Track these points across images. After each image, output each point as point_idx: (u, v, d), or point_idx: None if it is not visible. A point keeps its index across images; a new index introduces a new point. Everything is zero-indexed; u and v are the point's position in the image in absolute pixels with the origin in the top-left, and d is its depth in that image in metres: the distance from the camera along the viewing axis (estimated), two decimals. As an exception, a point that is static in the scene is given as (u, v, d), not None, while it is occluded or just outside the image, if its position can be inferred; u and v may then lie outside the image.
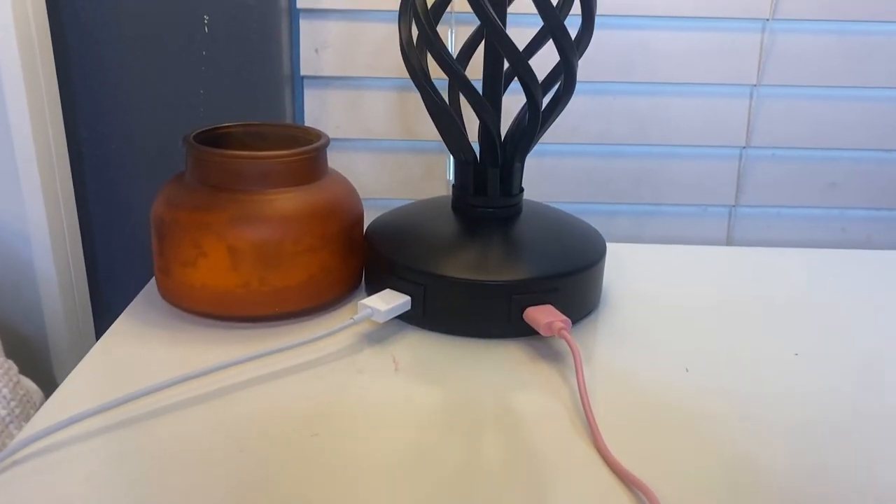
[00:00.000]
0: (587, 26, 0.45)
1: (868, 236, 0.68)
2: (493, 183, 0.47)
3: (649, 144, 0.65)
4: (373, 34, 0.62)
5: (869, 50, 0.62)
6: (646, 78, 0.63)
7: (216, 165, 0.44)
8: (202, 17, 0.57)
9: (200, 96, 0.59)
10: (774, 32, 0.62)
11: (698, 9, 0.61)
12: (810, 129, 0.64)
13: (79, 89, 0.58)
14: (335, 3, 0.61)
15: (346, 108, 0.64)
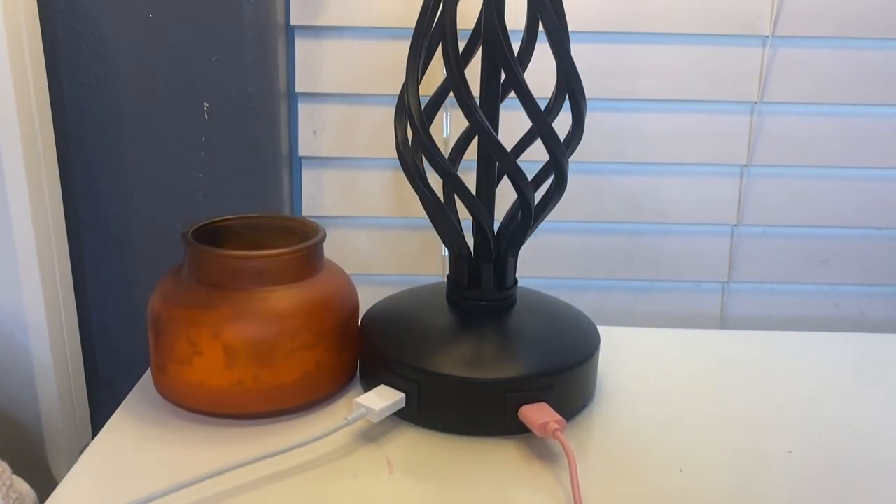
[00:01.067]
0: (577, 127, 0.46)
1: (861, 311, 0.68)
2: (487, 277, 0.48)
3: (642, 222, 0.66)
4: (369, 116, 0.63)
5: (857, 130, 0.64)
6: (638, 158, 0.64)
7: (213, 264, 0.45)
8: (202, 104, 0.58)
9: (199, 180, 0.60)
10: (763, 115, 0.63)
11: (687, 92, 0.62)
12: (801, 207, 0.65)
13: (79, 173, 0.59)
14: (333, 87, 0.63)
15: (343, 187, 0.65)
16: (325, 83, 0.63)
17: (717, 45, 0.62)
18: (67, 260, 0.58)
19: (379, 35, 0.62)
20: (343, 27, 0.61)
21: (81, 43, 0.57)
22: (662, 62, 0.62)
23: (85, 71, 0.57)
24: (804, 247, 0.67)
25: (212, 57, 0.57)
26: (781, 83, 0.62)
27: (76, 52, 0.57)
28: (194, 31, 0.57)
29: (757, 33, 0.61)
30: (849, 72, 0.62)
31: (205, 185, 0.60)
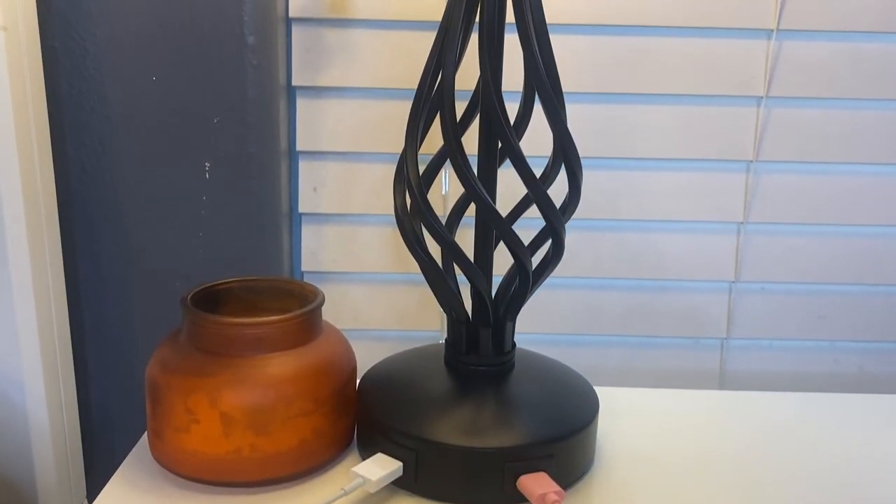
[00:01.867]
0: (574, 194, 0.46)
1: (860, 367, 0.68)
2: (485, 342, 0.48)
3: (640, 278, 0.66)
4: (368, 174, 0.64)
5: (851, 188, 0.64)
6: (635, 215, 0.65)
7: (211, 330, 0.45)
8: (204, 164, 0.59)
9: (200, 238, 0.60)
10: (759, 173, 0.64)
11: (683, 151, 0.63)
12: (798, 264, 0.66)
13: (80, 232, 0.60)
14: (333, 145, 0.63)
15: (343, 242, 0.65)
16: (326, 141, 0.63)
17: (712, 105, 0.63)
18: (66, 320, 0.58)
19: (378, 95, 0.62)
20: (343, 87, 0.62)
21: (86, 104, 0.57)
22: (659, 122, 0.63)
23: (88, 131, 0.58)
24: (802, 303, 0.67)
25: (214, 118, 0.58)
26: (776, 142, 0.63)
27: (80, 112, 0.58)
28: (197, 93, 0.58)
29: (752, 94, 0.62)
30: (842, 131, 0.63)
31: (205, 243, 0.60)
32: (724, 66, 0.62)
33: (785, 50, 0.62)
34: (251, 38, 0.57)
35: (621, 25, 0.61)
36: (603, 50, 0.61)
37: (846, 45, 0.62)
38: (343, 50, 0.62)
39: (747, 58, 0.62)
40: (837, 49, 0.62)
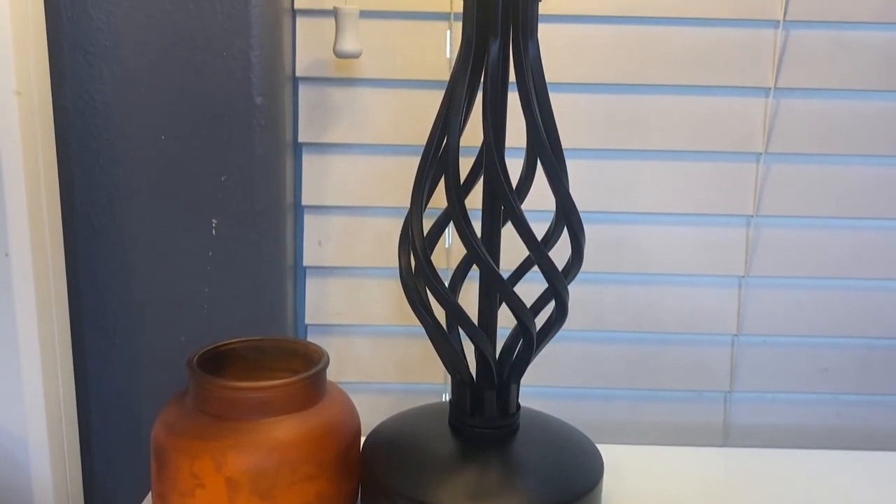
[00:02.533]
0: (576, 257, 0.47)
1: (864, 420, 0.68)
2: (489, 404, 0.48)
3: (643, 331, 0.66)
4: (373, 227, 0.65)
5: (852, 243, 0.65)
6: (636, 269, 0.65)
7: (216, 394, 0.45)
8: (211, 221, 0.60)
9: (205, 294, 0.61)
10: (759, 227, 0.65)
11: (685, 206, 0.64)
12: (799, 318, 0.66)
13: (86, 287, 0.60)
14: (338, 199, 0.64)
15: (347, 295, 0.66)
16: (331, 196, 0.64)
17: (712, 161, 0.64)
18: (71, 376, 0.58)
19: (383, 151, 0.63)
20: (349, 144, 0.63)
21: (95, 162, 0.58)
22: (660, 177, 0.64)
23: (97, 188, 0.59)
24: (804, 356, 0.67)
25: (221, 176, 0.59)
26: (776, 197, 0.64)
27: (89, 170, 0.58)
28: (205, 152, 0.58)
29: (751, 150, 0.63)
30: (841, 186, 0.64)
31: (210, 299, 0.61)
32: (724, 122, 0.63)
33: (783, 107, 0.63)
34: (259, 98, 0.58)
35: (623, 84, 0.62)
36: (605, 107, 0.62)
37: (843, 102, 0.63)
38: (348, 107, 0.63)
39: (746, 115, 0.63)
40: (835, 107, 0.63)
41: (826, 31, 0.61)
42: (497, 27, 0.44)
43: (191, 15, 0.56)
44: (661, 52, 0.61)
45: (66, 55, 0.57)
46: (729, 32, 0.61)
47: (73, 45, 0.56)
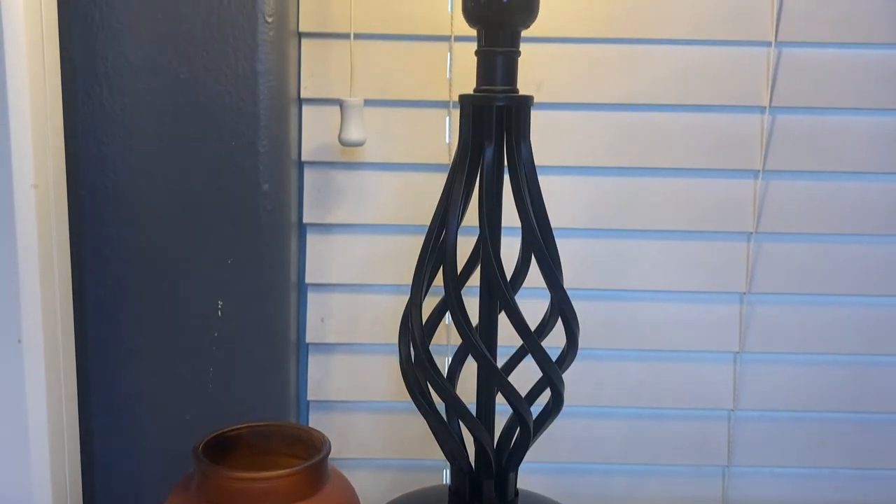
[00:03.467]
0: (571, 347, 0.48)
1: (863, 495, 0.68)
2: (488, 492, 0.49)
3: (640, 407, 0.67)
4: (374, 304, 0.66)
5: (843, 319, 0.66)
6: (633, 345, 0.66)
7: (221, 483, 0.46)
8: (217, 303, 0.61)
9: (210, 374, 0.62)
10: (752, 304, 0.66)
11: (679, 283, 0.66)
12: (795, 392, 0.67)
13: (95, 369, 0.61)
14: (341, 277, 0.66)
15: (349, 372, 0.67)
16: (334, 274, 0.66)
17: (704, 241, 0.65)
18: (78, 459, 0.59)
19: (385, 231, 0.65)
20: (351, 224, 0.65)
21: (106, 246, 0.60)
22: (654, 255, 0.65)
23: (107, 271, 0.61)
24: (801, 430, 0.68)
25: (228, 259, 0.61)
26: (768, 274, 0.66)
27: (100, 253, 0.60)
28: (212, 236, 0.60)
29: (742, 229, 0.65)
30: (830, 263, 0.65)
31: (215, 378, 0.62)
32: (715, 203, 0.65)
33: (771, 188, 0.65)
34: (266, 185, 0.60)
35: (616, 167, 0.64)
36: (599, 188, 0.65)
37: (830, 183, 0.65)
38: (352, 189, 0.65)
39: (736, 196, 0.65)
40: (822, 187, 0.65)
41: (811, 115, 0.64)
42: (492, 131, 0.46)
43: (201, 106, 0.59)
44: (652, 137, 0.64)
45: (82, 146, 0.59)
46: (717, 118, 0.64)
47: (89, 135, 0.59)
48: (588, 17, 0.62)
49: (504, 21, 0.45)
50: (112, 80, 0.59)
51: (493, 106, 0.46)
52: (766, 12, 0.62)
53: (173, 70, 0.59)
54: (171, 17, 0.58)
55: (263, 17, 0.59)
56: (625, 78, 0.63)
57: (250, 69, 0.59)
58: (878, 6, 0.62)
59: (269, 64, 0.59)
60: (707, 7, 0.62)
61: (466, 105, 0.47)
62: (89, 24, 0.58)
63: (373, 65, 0.63)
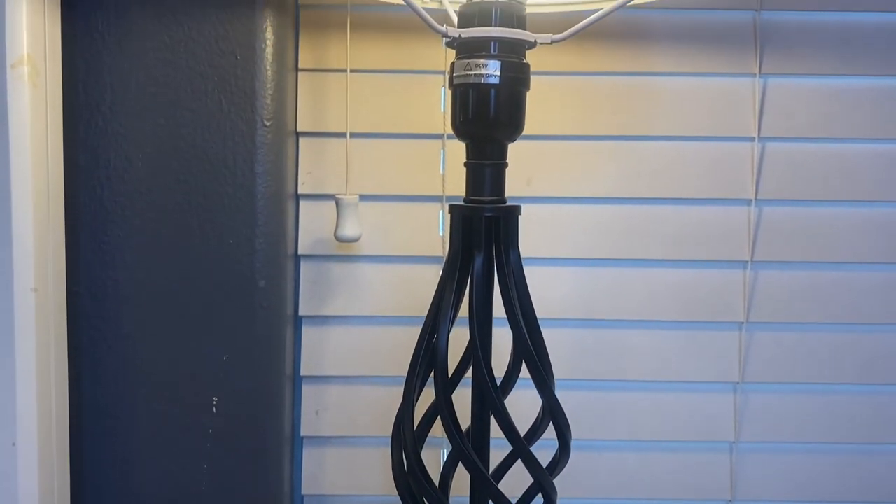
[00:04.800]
0: (563, 452, 0.49)
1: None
2: None
3: (636, 498, 0.67)
4: (369, 397, 0.66)
5: (835, 407, 0.66)
6: (628, 436, 0.66)
7: None
8: (212, 399, 0.62)
9: (204, 471, 0.62)
10: (746, 393, 0.66)
11: (671, 373, 0.66)
12: (790, 482, 0.67)
13: (88, 470, 0.61)
14: (336, 369, 0.66)
15: (344, 465, 0.67)
16: (329, 366, 0.66)
17: (696, 330, 0.66)
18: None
19: (379, 322, 0.66)
20: (346, 316, 0.66)
21: (103, 344, 0.61)
22: (648, 346, 0.66)
23: (104, 370, 0.61)
24: (800, 522, 0.67)
25: (224, 355, 0.62)
26: (760, 364, 0.66)
27: (97, 351, 0.61)
28: (208, 334, 0.61)
29: (733, 319, 0.66)
30: (821, 352, 0.66)
31: (210, 475, 0.62)
32: (705, 294, 0.66)
33: (761, 278, 0.66)
34: (262, 282, 0.61)
35: (608, 259, 0.65)
36: (592, 279, 0.66)
37: (818, 273, 0.66)
38: (347, 282, 0.66)
39: (727, 285, 0.66)
40: (810, 277, 0.66)
41: (796, 207, 0.65)
42: (481, 240, 0.47)
43: (200, 206, 0.61)
44: (641, 229, 0.65)
45: (83, 245, 0.60)
46: (705, 210, 0.65)
47: (89, 235, 0.60)
48: (575, 115, 0.64)
49: (491, 136, 0.47)
50: (113, 182, 0.60)
51: (482, 216, 0.47)
52: (748, 109, 0.64)
53: (173, 171, 0.60)
54: (172, 121, 0.60)
55: (262, 121, 0.61)
56: (612, 172, 0.65)
57: (249, 170, 0.61)
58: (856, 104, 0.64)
59: (268, 165, 0.61)
60: (690, 104, 0.64)
61: (456, 215, 0.48)
62: (93, 129, 0.60)
63: (368, 161, 0.65)
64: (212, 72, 0.60)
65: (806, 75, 0.64)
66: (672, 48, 0.64)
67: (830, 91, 0.64)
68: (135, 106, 0.60)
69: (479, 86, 0.46)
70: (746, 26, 0.64)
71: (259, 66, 0.60)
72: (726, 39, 0.64)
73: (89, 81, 0.59)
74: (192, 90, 0.60)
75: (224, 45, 0.60)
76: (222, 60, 0.60)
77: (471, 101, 0.46)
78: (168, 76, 0.60)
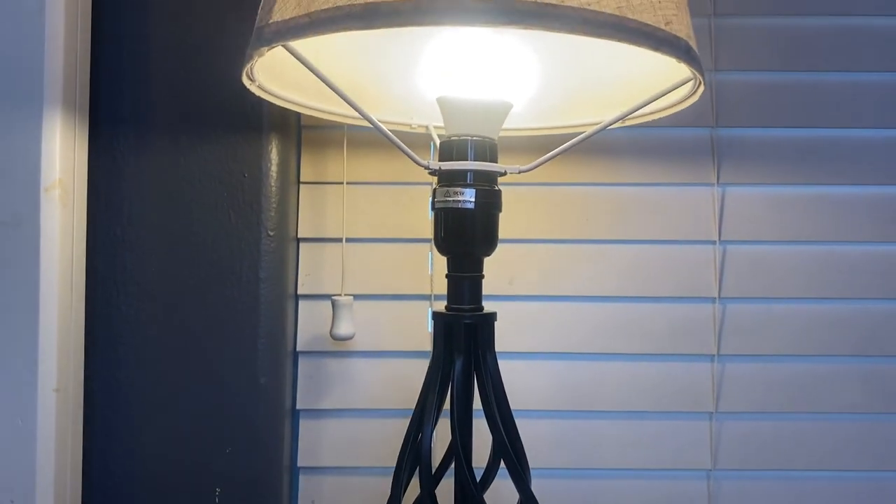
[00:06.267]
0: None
1: None
2: None
3: (618, 585, 0.69)
4: (364, 487, 0.70)
5: (806, 496, 0.70)
6: (608, 523, 0.70)
7: None
8: (214, 490, 0.66)
9: (205, 560, 0.65)
10: (718, 480, 0.70)
11: (643, 462, 0.70)
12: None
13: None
14: (332, 460, 0.70)
15: (338, 552, 0.70)
16: (325, 457, 0.70)
17: (667, 420, 0.70)
18: None
19: (373, 415, 0.71)
20: (342, 409, 0.71)
21: (117, 446, 0.65)
22: (620, 435, 0.70)
23: (116, 467, 0.65)
24: None
25: (226, 448, 0.66)
26: (730, 453, 0.70)
27: (108, 449, 0.65)
28: (211, 428, 0.66)
29: (702, 409, 0.70)
30: (789, 442, 0.70)
31: (210, 565, 0.65)
32: (675, 385, 0.70)
33: (728, 370, 0.71)
34: (263, 379, 0.66)
35: (583, 353, 0.70)
36: (569, 372, 0.70)
37: (782, 366, 0.71)
38: (341, 376, 0.71)
39: (695, 377, 0.70)
40: (774, 368, 0.70)
41: (756, 304, 0.71)
42: (461, 345, 0.53)
43: (208, 310, 0.66)
44: (614, 325, 0.70)
45: (99, 348, 0.66)
46: (671, 308, 0.71)
47: (105, 338, 0.66)
48: (552, 221, 0.71)
49: (469, 253, 0.53)
50: (129, 287, 0.66)
51: (461, 323, 0.53)
52: (709, 215, 0.71)
53: (184, 277, 0.66)
54: (184, 232, 0.66)
55: (266, 231, 0.67)
56: (586, 273, 0.71)
57: (253, 276, 0.67)
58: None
59: (271, 270, 0.67)
60: (655, 211, 0.71)
61: (439, 322, 0.54)
62: (112, 238, 0.66)
63: (362, 264, 0.71)
64: (222, 188, 0.67)
65: (760, 184, 0.71)
66: (637, 161, 0.71)
67: (784, 198, 0.71)
68: (151, 218, 0.66)
69: (457, 210, 0.52)
70: (704, 141, 0.72)
71: (265, 183, 0.67)
72: (686, 153, 0.71)
73: (111, 196, 0.66)
74: (204, 204, 0.67)
75: (233, 164, 0.67)
76: (231, 178, 0.67)
77: (450, 223, 0.52)
78: (182, 191, 0.66)
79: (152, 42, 0.66)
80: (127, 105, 0.66)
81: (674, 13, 0.43)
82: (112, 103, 0.66)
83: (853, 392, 0.70)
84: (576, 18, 0.39)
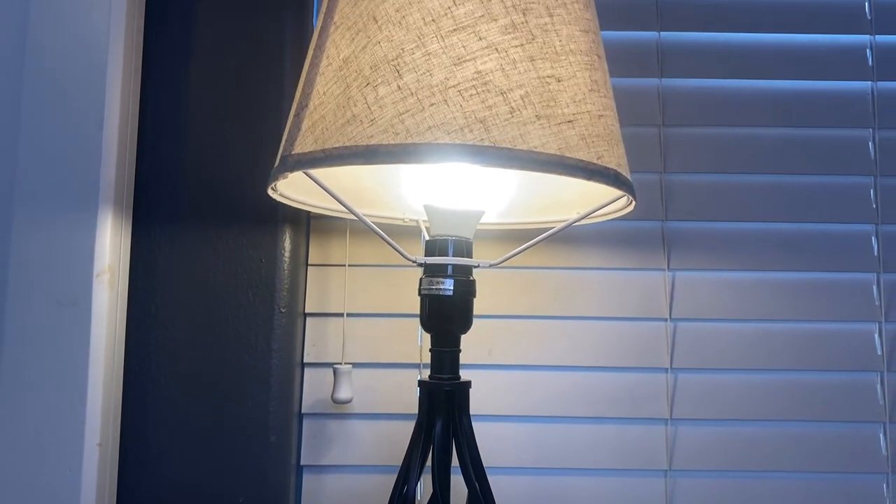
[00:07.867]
0: (507, 580, 0.62)
1: None
2: None
3: None
4: (358, 534, 0.79)
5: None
6: (576, 569, 0.78)
7: None
8: (227, 536, 0.75)
9: None
10: (673, 531, 0.79)
11: (610, 514, 0.79)
12: None
13: None
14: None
15: None
16: (325, 508, 0.80)
17: (627, 477, 0.80)
18: None
19: (368, 471, 0.80)
20: (341, 465, 0.80)
21: (144, 487, 0.75)
22: (587, 490, 0.80)
23: (142, 510, 0.75)
24: None
25: (239, 498, 0.75)
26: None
27: (140, 494, 0.75)
28: (225, 480, 0.75)
29: (658, 467, 0.80)
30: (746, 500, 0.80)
31: None
32: (633, 446, 0.80)
33: (680, 433, 0.80)
34: (273, 437, 0.76)
35: (554, 416, 0.81)
36: (542, 433, 0.80)
37: (732, 429, 0.80)
38: (341, 436, 0.81)
39: (650, 440, 0.80)
40: (726, 432, 0.80)
41: (704, 374, 0.81)
42: (442, 409, 0.63)
43: (227, 378, 0.77)
44: (580, 392, 0.81)
45: (133, 409, 0.76)
46: (629, 377, 0.81)
47: (139, 403, 0.76)
48: (526, 299, 0.82)
49: (448, 331, 0.64)
50: (160, 357, 0.77)
51: (442, 390, 0.63)
52: (661, 296, 0.82)
53: (207, 347, 0.77)
54: (209, 310, 0.78)
55: (279, 308, 0.78)
56: (557, 345, 0.81)
57: (266, 346, 0.78)
58: (743, 292, 0.82)
59: (281, 342, 0.78)
60: (615, 292, 0.82)
61: (423, 389, 0.64)
62: (146, 315, 0.77)
63: (361, 336, 0.82)
64: (241, 271, 0.78)
65: (705, 269, 0.83)
66: (598, 249, 0.83)
67: (726, 281, 0.82)
68: (180, 297, 0.78)
69: (439, 296, 0.63)
70: (656, 232, 0.83)
71: (279, 266, 0.79)
72: (641, 242, 0.83)
73: (147, 280, 0.78)
74: (226, 285, 0.78)
75: (252, 251, 0.79)
76: (251, 263, 0.78)
77: (433, 306, 0.63)
78: (207, 274, 0.78)
79: (186, 146, 0.79)
80: (164, 202, 0.78)
81: (605, 149, 0.55)
82: (151, 200, 0.78)
83: (786, 451, 0.80)
84: (527, 159, 0.51)
